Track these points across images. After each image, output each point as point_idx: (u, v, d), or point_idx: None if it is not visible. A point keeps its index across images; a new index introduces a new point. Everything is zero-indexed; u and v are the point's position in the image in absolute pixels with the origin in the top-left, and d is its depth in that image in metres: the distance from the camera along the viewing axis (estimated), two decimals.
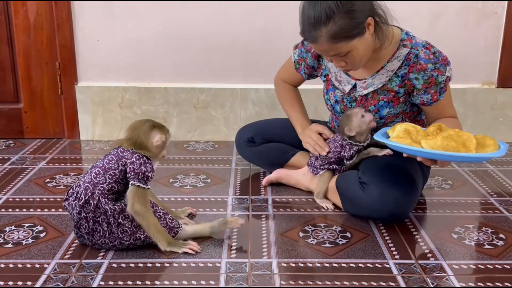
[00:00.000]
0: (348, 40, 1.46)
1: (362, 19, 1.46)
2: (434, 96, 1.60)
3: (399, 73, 1.61)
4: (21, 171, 2.06)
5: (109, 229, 1.39)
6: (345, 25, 1.44)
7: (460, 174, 2.05)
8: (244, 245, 1.47)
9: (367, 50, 1.53)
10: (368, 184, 1.58)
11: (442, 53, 1.58)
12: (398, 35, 1.61)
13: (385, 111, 1.66)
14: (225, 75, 2.44)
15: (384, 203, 1.54)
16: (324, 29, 1.44)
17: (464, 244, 1.48)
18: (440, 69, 1.56)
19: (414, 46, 1.58)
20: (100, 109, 2.47)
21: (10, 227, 1.58)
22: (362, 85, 1.66)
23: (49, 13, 2.35)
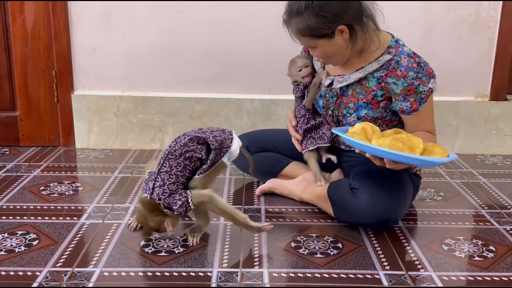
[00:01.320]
0: (312, 38, 1.56)
1: (331, 24, 1.52)
2: (413, 105, 1.61)
3: (375, 75, 1.64)
4: (15, 178, 2.07)
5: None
6: (312, 25, 1.53)
7: (452, 186, 2.07)
8: (236, 255, 1.48)
9: (337, 51, 1.60)
10: (358, 189, 1.60)
11: (428, 65, 1.60)
12: (387, 41, 1.65)
13: (363, 112, 1.68)
14: (220, 85, 2.46)
15: (374, 208, 1.56)
16: (294, 21, 1.56)
17: (454, 256, 1.50)
18: (423, 79, 1.58)
19: (398, 54, 1.61)
20: (95, 117, 2.48)
21: (3, 235, 1.58)
22: (339, 79, 1.70)
23: (46, 21, 2.37)
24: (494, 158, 2.43)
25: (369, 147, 1.46)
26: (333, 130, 1.61)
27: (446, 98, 2.42)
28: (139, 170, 2.20)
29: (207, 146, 1.52)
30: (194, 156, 1.51)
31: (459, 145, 2.49)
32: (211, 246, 1.53)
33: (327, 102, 1.76)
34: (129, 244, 1.53)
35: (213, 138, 1.52)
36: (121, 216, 1.73)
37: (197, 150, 1.51)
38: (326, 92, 1.76)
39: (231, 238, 1.58)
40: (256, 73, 2.44)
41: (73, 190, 1.96)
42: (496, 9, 2.34)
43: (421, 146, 1.44)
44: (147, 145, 2.51)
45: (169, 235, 1.58)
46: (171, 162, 1.49)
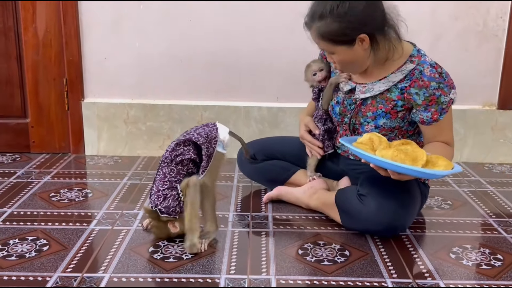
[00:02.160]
0: (332, 43, 1.57)
1: (353, 31, 1.54)
2: (434, 115, 1.62)
3: (399, 86, 1.64)
4: (26, 185, 2.09)
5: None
6: (333, 30, 1.54)
7: (460, 195, 2.07)
8: (244, 262, 1.49)
9: (355, 60, 1.61)
10: (366, 196, 1.61)
11: (449, 76, 1.61)
12: (409, 50, 1.66)
13: (381, 121, 1.69)
14: (228, 93, 2.48)
15: (381, 215, 1.57)
16: (316, 24, 1.57)
17: (462, 264, 1.50)
18: (444, 89, 1.59)
19: (421, 63, 1.61)
20: (105, 125, 2.51)
21: (14, 240, 1.60)
22: (362, 89, 1.70)
23: (57, 30, 2.40)
24: (502, 167, 2.43)
25: (372, 158, 1.48)
26: (341, 140, 1.62)
27: (453, 106, 2.36)
28: (148, 177, 2.22)
29: (195, 145, 1.56)
30: (184, 159, 1.55)
31: (467, 154, 2.49)
32: (219, 253, 1.54)
33: (344, 109, 1.76)
34: (138, 250, 1.55)
35: (197, 135, 1.57)
36: (130, 222, 1.75)
37: (185, 152, 1.55)
38: (345, 99, 1.76)
39: (239, 245, 1.59)
40: (264, 81, 2.46)
41: (83, 196, 1.98)
42: (504, 18, 2.35)
43: (424, 158, 1.45)
44: (156, 152, 2.53)
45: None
46: (164, 169, 1.56)
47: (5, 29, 2.40)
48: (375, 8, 1.56)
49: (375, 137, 1.57)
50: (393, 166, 1.45)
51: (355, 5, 1.52)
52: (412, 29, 2.33)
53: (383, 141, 1.56)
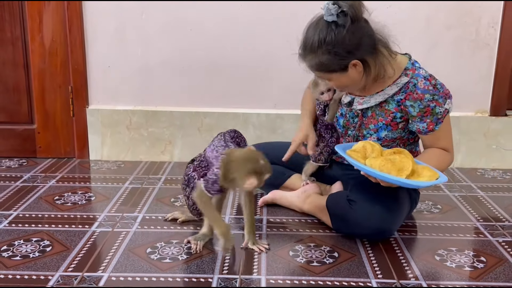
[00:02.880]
0: (326, 72, 1.63)
1: (345, 61, 1.59)
2: (429, 126, 1.69)
3: (395, 98, 1.71)
4: (32, 188, 2.18)
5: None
6: (325, 62, 1.60)
7: (451, 199, 2.13)
8: (236, 262, 1.56)
9: (352, 82, 1.67)
10: (356, 201, 1.67)
11: (444, 87, 1.67)
12: (404, 63, 1.71)
13: (383, 133, 1.76)
14: (228, 100, 2.56)
15: (370, 220, 1.63)
16: (309, 57, 1.63)
17: (446, 266, 1.56)
18: (439, 100, 1.65)
19: (415, 76, 1.67)
20: (109, 131, 2.59)
21: (19, 241, 1.69)
22: (359, 100, 1.77)
23: (63, 39, 2.49)
24: (494, 172, 2.49)
25: (361, 166, 1.56)
26: (336, 147, 1.70)
27: None
28: (149, 181, 2.30)
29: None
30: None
31: (461, 160, 2.55)
32: (213, 254, 1.61)
33: (347, 122, 1.83)
34: (136, 251, 1.63)
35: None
36: (129, 225, 1.82)
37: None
38: (347, 112, 1.82)
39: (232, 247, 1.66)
40: (262, 89, 2.54)
41: (86, 200, 2.07)
42: (495, 28, 2.41)
43: (409, 168, 1.53)
44: (158, 157, 2.62)
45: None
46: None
47: (13, 38, 2.50)
48: (361, 35, 1.59)
49: (368, 145, 1.64)
50: (378, 176, 1.53)
51: (341, 35, 1.56)
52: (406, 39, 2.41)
53: (376, 149, 1.63)
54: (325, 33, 1.57)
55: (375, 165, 1.56)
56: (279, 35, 2.45)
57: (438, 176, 1.55)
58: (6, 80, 2.55)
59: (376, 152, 1.63)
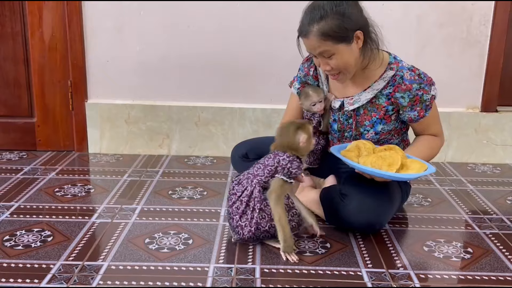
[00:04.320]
0: (335, 41, 1.63)
1: (352, 27, 1.63)
2: (420, 113, 1.76)
3: (384, 92, 1.76)
4: (32, 181, 2.23)
5: (252, 214, 1.59)
6: (335, 26, 1.61)
7: (441, 193, 2.19)
8: (232, 252, 1.62)
9: (352, 60, 1.68)
10: (347, 195, 1.72)
11: (427, 75, 1.75)
12: (387, 58, 1.78)
13: (379, 127, 1.81)
14: (224, 95, 2.61)
15: (360, 214, 1.69)
16: (317, 26, 1.61)
17: (433, 256, 1.62)
18: (425, 88, 1.72)
19: (400, 69, 1.74)
20: (107, 124, 2.64)
21: (21, 231, 1.74)
22: (349, 101, 1.82)
23: (63, 35, 2.54)
24: (485, 167, 2.55)
25: (354, 164, 1.65)
26: (331, 149, 1.77)
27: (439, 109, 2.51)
28: (147, 174, 2.35)
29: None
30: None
31: (452, 155, 2.60)
32: (210, 245, 1.67)
33: (342, 125, 1.87)
34: (135, 241, 1.68)
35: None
36: (128, 216, 1.88)
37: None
38: (339, 116, 1.86)
39: (228, 238, 1.71)
40: (258, 84, 2.59)
41: (85, 192, 2.12)
42: (486, 25, 2.46)
43: (399, 163, 1.61)
44: (155, 150, 2.67)
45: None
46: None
47: (13, 33, 2.54)
48: (362, 10, 1.68)
49: (361, 144, 1.74)
50: (371, 172, 1.61)
51: (349, 4, 1.64)
52: (398, 37, 2.47)
53: (367, 147, 1.72)
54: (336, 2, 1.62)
55: (367, 162, 1.65)
56: (276, 32, 2.49)
57: (426, 168, 1.63)
58: (6, 75, 2.59)
59: (368, 150, 1.71)
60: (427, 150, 1.81)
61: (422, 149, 1.81)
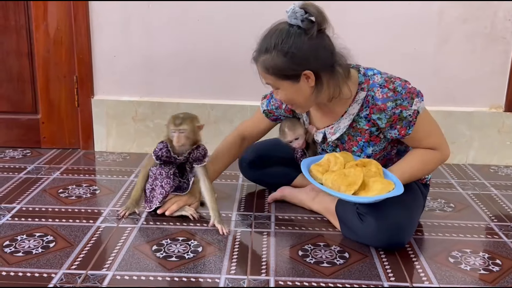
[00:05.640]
0: (277, 77, 1.55)
1: (298, 68, 1.52)
2: (401, 131, 1.60)
3: (361, 115, 1.63)
4: (36, 180, 2.14)
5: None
6: (278, 64, 1.52)
7: (464, 197, 2.07)
8: (244, 262, 1.52)
9: (300, 98, 1.59)
10: (365, 215, 1.60)
11: (407, 87, 1.56)
12: (356, 78, 1.62)
13: (369, 150, 1.69)
14: (235, 92, 2.51)
15: (380, 234, 1.57)
16: (262, 57, 1.55)
17: (460, 269, 1.51)
18: (403, 104, 1.55)
19: (370, 88, 1.58)
20: (114, 121, 2.55)
21: (22, 236, 1.65)
22: (330, 130, 1.71)
23: (68, 28, 2.44)
24: (508, 169, 2.43)
25: (314, 182, 1.62)
26: (302, 162, 1.70)
27: (460, 108, 2.43)
28: None
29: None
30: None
31: (473, 156, 2.49)
32: (220, 253, 1.57)
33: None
34: (142, 248, 1.59)
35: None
36: (135, 220, 1.78)
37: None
38: (325, 147, 1.77)
39: (240, 245, 1.62)
40: None
41: (91, 193, 2.03)
42: None
43: (358, 183, 1.55)
44: None
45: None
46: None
47: (17, 26, 2.45)
48: (321, 46, 1.52)
49: (332, 157, 1.66)
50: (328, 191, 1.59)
51: (300, 41, 1.49)
52: (419, 31, 2.36)
53: (339, 161, 1.64)
54: (284, 35, 1.51)
55: (328, 180, 1.59)
56: None
57: (390, 189, 1.54)
58: (10, 69, 2.50)
59: (338, 164, 1.63)
60: (418, 165, 1.66)
61: (413, 163, 1.66)
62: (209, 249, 1.59)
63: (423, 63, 2.39)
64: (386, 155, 1.74)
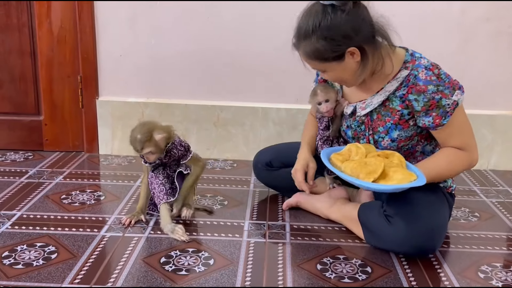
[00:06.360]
0: (322, 61, 1.50)
1: (341, 48, 1.47)
2: (436, 120, 1.52)
3: (397, 94, 1.56)
4: (37, 185, 2.04)
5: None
6: (320, 48, 1.47)
7: (488, 206, 1.96)
8: (259, 276, 1.42)
9: (347, 75, 1.55)
10: (394, 217, 1.51)
11: (450, 77, 1.51)
12: (402, 56, 1.57)
13: (395, 134, 1.60)
14: (246, 93, 2.41)
15: (411, 237, 1.47)
16: (303, 44, 1.50)
17: (492, 285, 1.40)
18: (444, 91, 1.49)
19: (415, 68, 1.53)
20: (120, 123, 2.45)
21: (22, 246, 1.55)
22: (362, 105, 1.64)
23: (72, 26, 2.34)
24: None
25: (333, 170, 1.55)
26: (322, 152, 1.63)
27: (481, 111, 2.32)
28: None
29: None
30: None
31: (495, 161, 2.38)
32: (233, 266, 1.46)
33: (355, 132, 1.69)
34: (149, 260, 1.49)
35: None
36: (142, 229, 1.68)
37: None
38: (352, 122, 1.68)
39: (254, 257, 1.52)
40: (283, 82, 2.38)
41: (95, 199, 1.93)
42: None
43: (378, 171, 1.46)
44: None
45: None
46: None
47: (19, 24, 2.35)
48: (360, 20, 1.46)
49: (353, 147, 1.59)
50: (345, 178, 1.51)
51: (337, 18, 1.43)
52: (440, 30, 2.26)
53: (360, 151, 1.57)
54: (320, 17, 1.45)
55: (347, 167, 1.52)
56: None
57: (412, 179, 1.44)
58: (12, 69, 2.41)
59: (359, 154, 1.56)
60: (445, 165, 1.57)
61: (439, 162, 1.57)
62: (221, 261, 1.49)
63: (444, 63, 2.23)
64: (410, 148, 1.64)
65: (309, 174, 1.75)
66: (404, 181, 1.44)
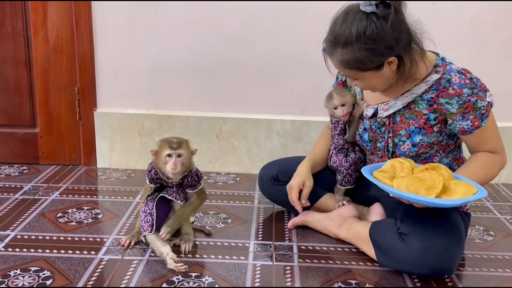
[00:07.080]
0: (358, 70, 1.44)
1: (383, 59, 1.42)
2: (474, 122, 1.48)
3: (424, 97, 1.51)
4: (32, 202, 1.96)
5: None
6: (361, 58, 1.41)
7: (503, 223, 1.88)
8: None
9: (382, 81, 1.51)
10: (408, 235, 1.44)
11: (480, 80, 1.49)
12: (433, 60, 1.53)
13: (417, 138, 1.54)
14: (249, 104, 2.33)
15: (427, 257, 1.40)
16: (340, 51, 1.43)
17: None
18: (479, 94, 1.46)
19: (447, 72, 1.49)
20: (118, 136, 2.37)
21: (15, 271, 1.46)
22: (384, 107, 1.58)
23: (69, 36, 2.26)
24: None
25: (387, 188, 1.41)
26: (362, 169, 1.51)
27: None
28: None
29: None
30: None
31: (506, 175, 2.30)
32: None
33: (374, 134, 1.62)
34: (151, 285, 1.40)
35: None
36: (142, 251, 1.60)
37: None
38: (371, 123, 1.61)
39: (261, 283, 1.43)
40: (288, 92, 2.30)
41: (92, 218, 1.84)
42: None
43: (440, 186, 1.36)
44: None
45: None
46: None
47: (14, 33, 2.27)
48: (401, 29, 1.42)
49: (397, 163, 1.49)
50: (405, 197, 1.38)
51: (383, 28, 1.37)
52: (451, 38, 2.18)
53: (405, 167, 1.47)
54: (365, 25, 1.38)
55: (402, 185, 1.40)
56: (310, 33, 2.19)
57: (475, 191, 1.36)
58: (6, 79, 2.32)
59: (406, 170, 1.46)
60: (482, 171, 1.52)
61: (476, 170, 1.52)
62: (227, 283, 1.40)
63: None
64: (427, 157, 1.59)
65: (304, 193, 1.69)
66: (469, 193, 1.37)
